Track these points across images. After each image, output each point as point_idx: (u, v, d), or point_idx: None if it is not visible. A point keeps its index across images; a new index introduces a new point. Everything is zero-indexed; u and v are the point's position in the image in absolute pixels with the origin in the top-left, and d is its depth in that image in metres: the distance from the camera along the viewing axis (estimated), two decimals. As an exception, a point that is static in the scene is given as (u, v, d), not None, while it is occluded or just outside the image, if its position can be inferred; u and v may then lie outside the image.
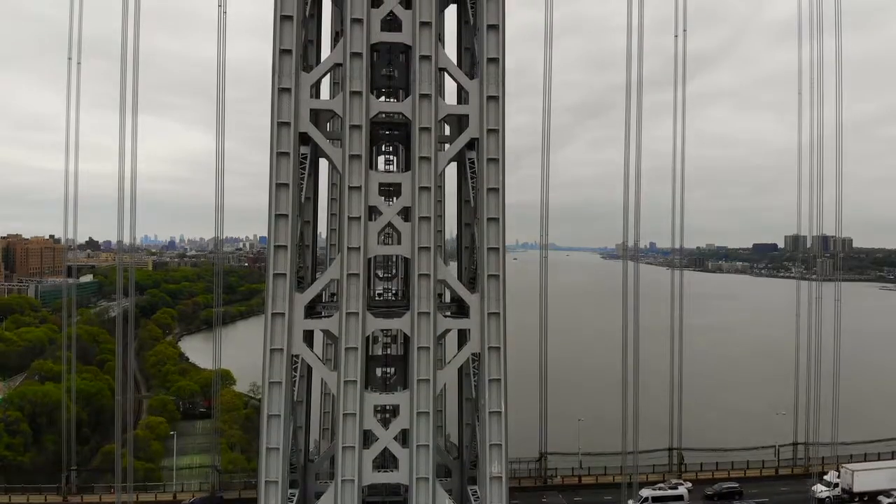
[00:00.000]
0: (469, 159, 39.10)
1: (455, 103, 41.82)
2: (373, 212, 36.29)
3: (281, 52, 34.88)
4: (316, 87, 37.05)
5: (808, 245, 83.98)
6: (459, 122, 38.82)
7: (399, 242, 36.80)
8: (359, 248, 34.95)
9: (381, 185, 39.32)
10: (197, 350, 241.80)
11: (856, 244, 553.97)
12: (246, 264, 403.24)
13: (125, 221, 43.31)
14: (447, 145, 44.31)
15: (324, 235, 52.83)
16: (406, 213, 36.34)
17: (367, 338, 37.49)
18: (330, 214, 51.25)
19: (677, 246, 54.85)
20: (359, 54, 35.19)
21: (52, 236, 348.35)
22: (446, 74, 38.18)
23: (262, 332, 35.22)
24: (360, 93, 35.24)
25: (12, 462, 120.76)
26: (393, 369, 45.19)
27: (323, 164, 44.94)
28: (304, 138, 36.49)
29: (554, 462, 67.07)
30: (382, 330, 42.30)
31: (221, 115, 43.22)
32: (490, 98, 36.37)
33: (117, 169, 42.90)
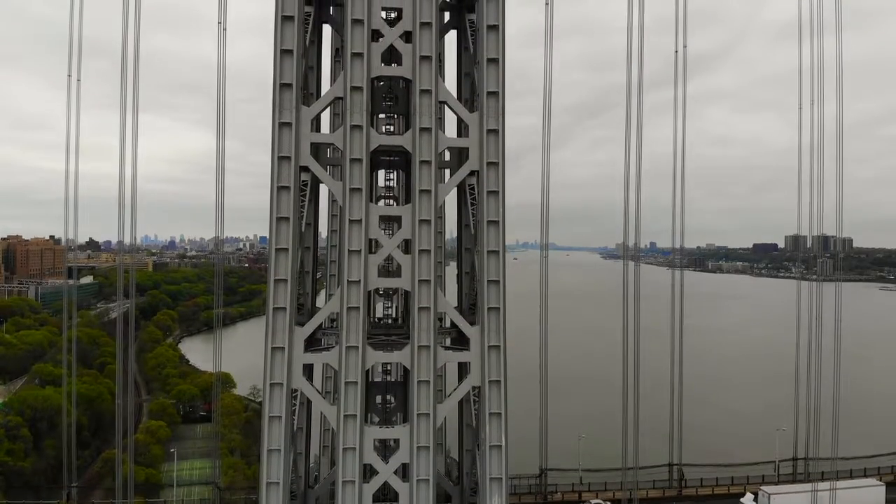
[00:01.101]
0: (469, 185, 39.13)
1: (455, 131, 41.93)
2: (372, 243, 36.31)
3: (281, 87, 34.91)
4: (316, 118, 37.04)
5: (809, 245, 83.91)
6: (460, 154, 38.88)
7: (399, 274, 36.84)
8: (359, 281, 34.99)
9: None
10: (197, 352, 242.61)
11: (856, 244, 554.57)
12: (246, 265, 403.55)
13: (125, 222, 43.13)
14: (447, 171, 44.67)
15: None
16: (406, 246, 36.38)
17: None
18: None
19: (677, 246, 54.68)
20: (359, 88, 35.21)
21: (52, 237, 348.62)
22: (446, 106, 38.10)
23: (261, 333, 35.35)
24: (360, 126, 35.26)
25: (13, 468, 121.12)
26: (393, 396, 45.27)
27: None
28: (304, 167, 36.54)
29: (554, 478, 67.34)
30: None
31: (222, 114, 42.97)
32: (490, 131, 36.40)
33: (118, 169, 42.60)
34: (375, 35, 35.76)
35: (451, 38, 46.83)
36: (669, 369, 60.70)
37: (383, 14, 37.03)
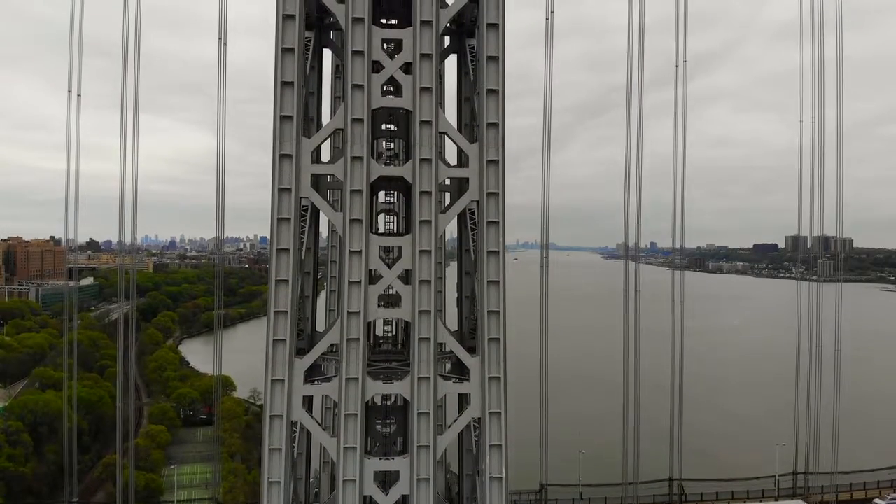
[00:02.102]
0: (470, 209, 39.11)
1: (456, 154, 41.90)
2: (372, 274, 36.34)
3: (282, 119, 34.92)
4: (317, 149, 37.07)
5: (809, 245, 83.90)
6: (460, 184, 38.90)
7: (399, 302, 36.91)
8: (359, 312, 35.04)
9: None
10: (197, 354, 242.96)
11: (856, 244, 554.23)
12: (246, 265, 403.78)
13: (126, 222, 43.04)
14: (447, 194, 44.74)
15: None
16: (406, 276, 36.42)
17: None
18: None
19: (678, 246, 54.70)
20: (360, 120, 35.22)
21: (52, 237, 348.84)
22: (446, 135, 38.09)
23: (261, 334, 35.44)
24: (360, 158, 35.28)
25: (13, 473, 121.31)
26: (393, 420, 45.37)
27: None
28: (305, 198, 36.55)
29: (555, 492, 67.55)
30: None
31: (222, 114, 42.93)
32: (490, 162, 36.42)
33: (118, 169, 42.59)
34: (376, 66, 35.77)
35: (452, 58, 46.83)
36: (670, 374, 60.61)
37: (383, 43, 36.99)
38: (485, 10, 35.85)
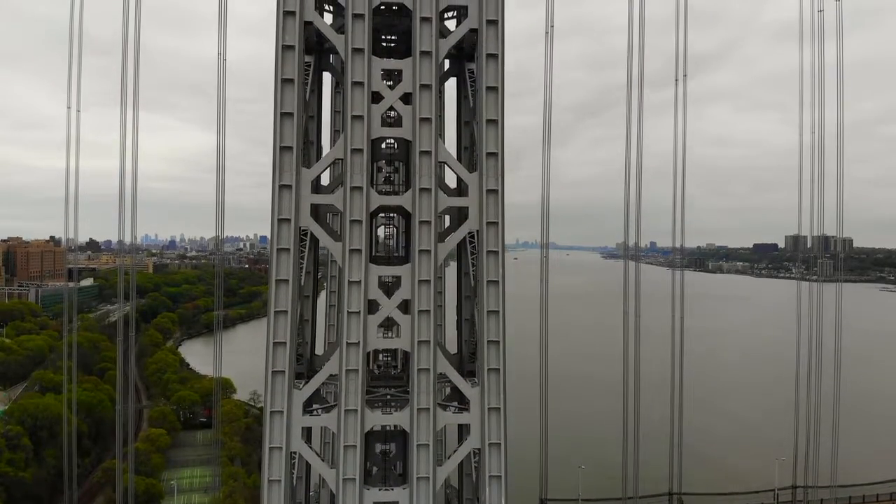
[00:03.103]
0: (470, 233, 39.01)
1: (455, 179, 41.88)
2: (371, 304, 36.33)
3: (281, 149, 34.91)
4: (317, 179, 37.05)
5: (809, 245, 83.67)
6: (459, 212, 38.89)
7: (398, 335, 36.92)
8: (358, 343, 35.04)
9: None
10: (197, 355, 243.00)
11: (856, 244, 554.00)
12: (246, 266, 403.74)
13: (126, 222, 42.66)
14: (447, 216, 44.67)
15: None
16: (405, 306, 36.42)
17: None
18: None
19: (678, 245, 54.52)
20: (359, 150, 35.21)
21: (52, 237, 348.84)
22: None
23: (261, 335, 35.43)
24: (360, 188, 35.27)
25: (13, 478, 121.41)
26: (393, 444, 45.39)
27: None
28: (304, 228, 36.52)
29: (554, 507, 67.41)
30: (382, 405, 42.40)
31: (222, 114, 42.70)
32: (489, 191, 36.42)
33: (118, 167, 42.18)
34: (376, 97, 35.74)
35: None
36: (670, 376, 60.34)
37: (383, 73, 36.99)
38: (484, 41, 35.82)
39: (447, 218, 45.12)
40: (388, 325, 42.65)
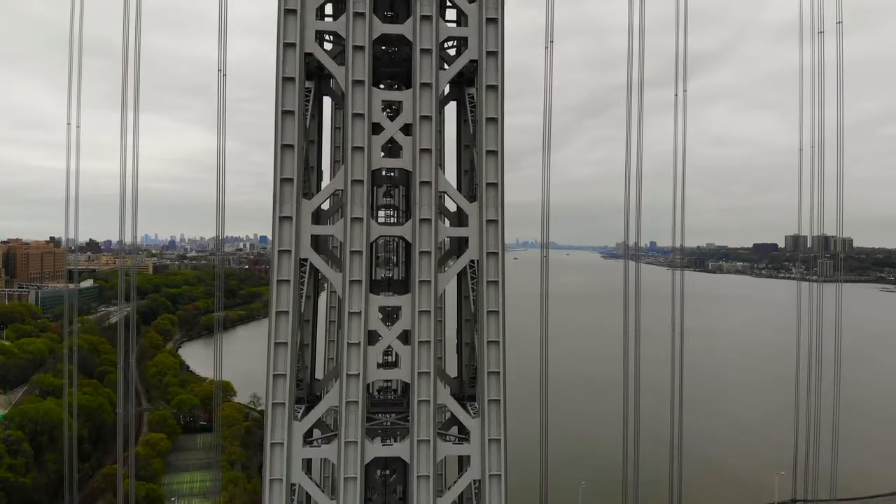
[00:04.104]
0: (471, 261, 38.96)
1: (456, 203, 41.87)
2: (372, 335, 36.35)
3: (282, 181, 34.92)
4: (317, 211, 37.06)
5: (809, 245, 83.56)
6: (459, 242, 38.90)
7: (398, 365, 36.96)
8: (358, 374, 35.08)
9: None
10: (197, 357, 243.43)
11: (856, 244, 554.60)
12: (246, 266, 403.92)
13: (126, 223, 42.60)
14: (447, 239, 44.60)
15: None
16: (406, 336, 36.45)
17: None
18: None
19: (678, 245, 54.49)
20: (360, 181, 35.23)
21: (52, 238, 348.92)
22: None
23: (261, 336, 35.44)
24: (360, 219, 35.29)
25: (14, 484, 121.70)
26: (393, 469, 45.39)
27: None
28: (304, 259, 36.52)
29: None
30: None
31: (222, 114, 42.69)
32: (489, 222, 36.44)
33: (118, 168, 42.15)
34: (376, 128, 35.74)
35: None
36: (670, 378, 60.18)
37: (383, 104, 36.99)
38: (483, 73, 35.81)
39: (447, 240, 45.17)
40: (388, 350, 42.70)
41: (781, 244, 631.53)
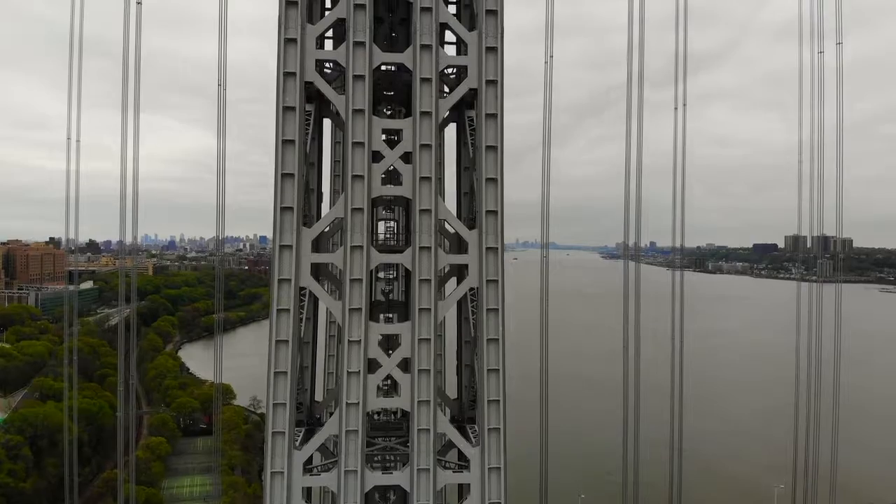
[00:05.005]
0: (471, 289, 38.80)
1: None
2: (371, 363, 36.35)
3: (282, 210, 34.92)
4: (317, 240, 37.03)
5: (809, 245, 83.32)
6: (460, 270, 38.88)
7: (398, 394, 36.96)
8: (358, 403, 35.09)
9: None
10: (197, 359, 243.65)
11: (856, 244, 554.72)
12: (246, 267, 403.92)
13: (126, 224, 42.41)
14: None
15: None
16: (405, 364, 36.45)
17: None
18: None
19: (678, 245, 54.37)
20: (359, 209, 35.22)
21: (52, 239, 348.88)
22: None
23: (261, 337, 35.40)
24: (360, 247, 35.29)
25: (14, 489, 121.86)
26: (393, 492, 45.40)
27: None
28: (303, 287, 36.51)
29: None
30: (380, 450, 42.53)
31: (222, 114, 42.59)
32: (489, 249, 36.43)
33: (118, 168, 41.95)
34: (376, 156, 35.73)
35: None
36: (670, 380, 60.05)
37: (383, 132, 36.99)
38: (483, 101, 35.80)
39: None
40: (388, 375, 42.68)
41: (781, 244, 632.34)
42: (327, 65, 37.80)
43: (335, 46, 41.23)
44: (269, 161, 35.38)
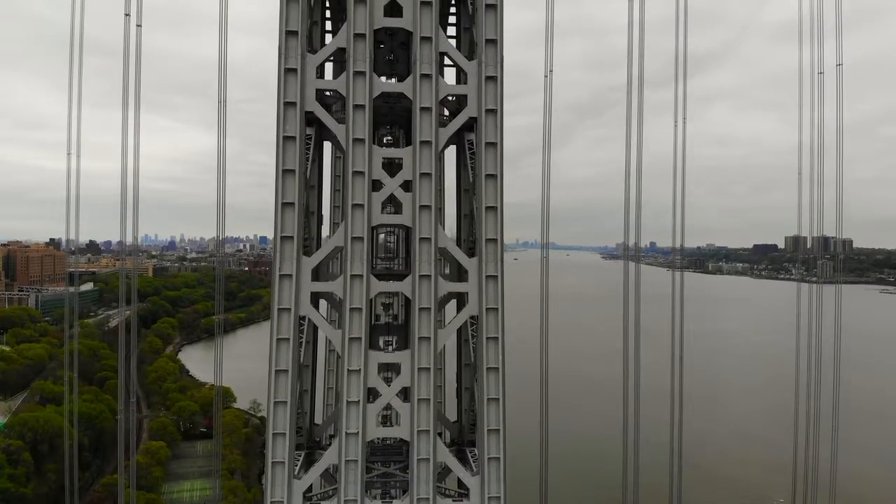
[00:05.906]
0: (472, 317, 38.69)
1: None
2: (371, 391, 36.32)
3: (282, 239, 34.90)
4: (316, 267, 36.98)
5: (809, 246, 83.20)
6: (459, 294, 38.83)
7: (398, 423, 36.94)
8: (357, 433, 35.05)
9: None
10: (197, 361, 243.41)
11: (856, 244, 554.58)
12: (246, 268, 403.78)
13: (127, 224, 42.26)
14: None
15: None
16: (405, 393, 36.43)
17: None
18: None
19: (678, 245, 54.33)
20: (360, 238, 35.18)
21: (52, 239, 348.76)
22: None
23: (261, 339, 35.37)
24: (360, 276, 35.25)
25: (14, 494, 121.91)
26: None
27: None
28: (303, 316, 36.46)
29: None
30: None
31: (222, 114, 42.44)
32: (489, 277, 36.39)
33: (119, 168, 41.80)
34: (376, 185, 35.67)
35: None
36: (670, 381, 59.94)
37: (383, 161, 36.92)
38: (483, 131, 35.76)
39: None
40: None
41: (781, 245, 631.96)
42: (328, 91, 37.66)
43: (335, 71, 41.26)
44: (270, 160, 35.39)
